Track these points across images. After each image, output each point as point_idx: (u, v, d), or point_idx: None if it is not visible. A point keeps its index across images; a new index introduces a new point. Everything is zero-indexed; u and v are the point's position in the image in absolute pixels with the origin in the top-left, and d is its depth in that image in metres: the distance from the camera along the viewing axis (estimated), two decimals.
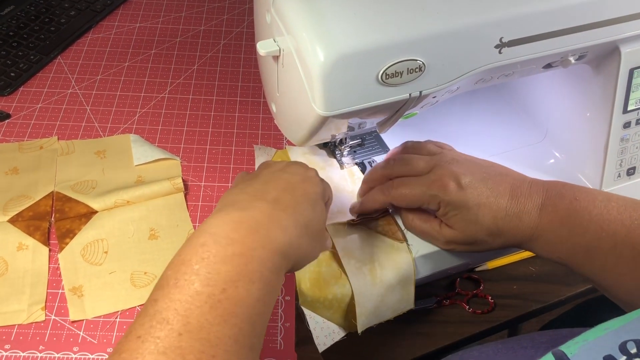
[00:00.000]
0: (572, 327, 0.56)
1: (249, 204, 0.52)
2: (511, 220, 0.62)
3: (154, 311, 0.44)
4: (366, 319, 0.67)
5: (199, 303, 0.44)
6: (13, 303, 0.65)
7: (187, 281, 0.45)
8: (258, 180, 0.57)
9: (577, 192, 0.61)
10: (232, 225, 0.49)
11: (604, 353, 0.40)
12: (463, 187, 0.63)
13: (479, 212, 0.62)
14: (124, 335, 0.44)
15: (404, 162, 0.67)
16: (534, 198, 0.62)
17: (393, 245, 0.68)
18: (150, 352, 0.42)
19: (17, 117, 0.85)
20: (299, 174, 0.58)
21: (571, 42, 0.61)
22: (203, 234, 0.49)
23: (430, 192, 0.64)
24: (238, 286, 0.46)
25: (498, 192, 0.63)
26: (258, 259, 0.48)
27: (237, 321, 0.45)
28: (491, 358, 0.63)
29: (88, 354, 0.62)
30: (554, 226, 0.61)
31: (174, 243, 0.71)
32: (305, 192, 0.56)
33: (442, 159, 0.66)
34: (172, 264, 0.48)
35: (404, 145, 0.72)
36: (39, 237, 0.70)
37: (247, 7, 1.06)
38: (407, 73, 0.55)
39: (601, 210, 0.59)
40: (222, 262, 0.47)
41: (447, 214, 0.64)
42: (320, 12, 0.53)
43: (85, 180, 0.77)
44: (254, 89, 0.92)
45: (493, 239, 0.63)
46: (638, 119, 0.73)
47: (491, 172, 0.65)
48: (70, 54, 0.95)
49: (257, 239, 0.49)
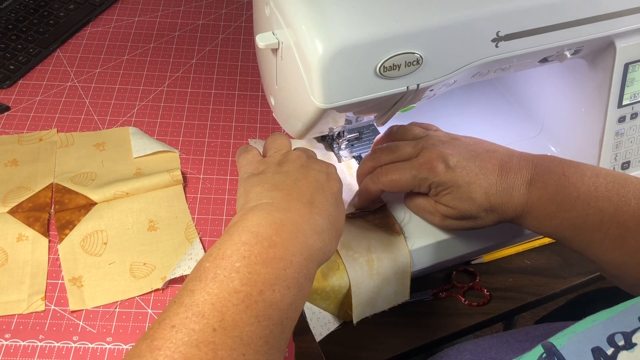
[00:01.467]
0: (566, 321, 0.57)
1: (288, 204, 0.53)
2: (502, 196, 0.63)
3: (191, 302, 0.45)
4: (362, 309, 0.67)
5: (236, 301, 0.45)
6: (13, 293, 0.66)
7: (227, 277, 0.46)
8: (288, 176, 0.57)
9: (566, 167, 0.62)
10: (274, 228, 0.50)
11: (592, 345, 0.40)
12: (452, 167, 0.63)
13: (470, 188, 0.63)
14: (156, 322, 0.45)
15: (391, 150, 0.68)
16: (523, 173, 0.62)
17: (390, 237, 0.69)
18: (184, 343, 0.42)
19: (17, 109, 0.85)
20: (323, 171, 0.59)
21: (567, 36, 0.62)
22: (245, 232, 0.50)
23: (420, 175, 0.64)
24: (275, 290, 0.47)
25: (487, 169, 0.63)
26: (297, 265, 0.49)
27: (269, 323, 0.46)
28: (486, 351, 0.64)
29: (88, 343, 0.63)
30: (543, 202, 0.61)
31: (172, 234, 0.72)
32: (332, 191, 0.58)
33: (429, 142, 0.66)
34: (211, 257, 0.48)
35: (389, 130, 0.72)
36: (38, 228, 0.71)
37: (245, 1, 1.07)
38: (405, 66, 0.56)
39: (589, 187, 0.60)
40: (262, 264, 0.48)
41: (438, 194, 0.65)
42: (319, 5, 0.54)
43: (85, 172, 0.77)
44: (252, 82, 0.92)
45: (486, 215, 0.64)
46: (633, 114, 0.73)
47: (478, 149, 0.65)
48: (69, 47, 0.96)
49: (297, 245, 0.50)
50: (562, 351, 0.41)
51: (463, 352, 0.65)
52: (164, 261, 0.69)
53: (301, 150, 0.63)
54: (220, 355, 0.42)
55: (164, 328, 0.44)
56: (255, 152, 0.64)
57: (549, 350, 0.42)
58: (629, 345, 0.39)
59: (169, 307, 0.46)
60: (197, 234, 0.72)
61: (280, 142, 0.64)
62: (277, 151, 0.63)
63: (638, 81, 0.72)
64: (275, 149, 0.63)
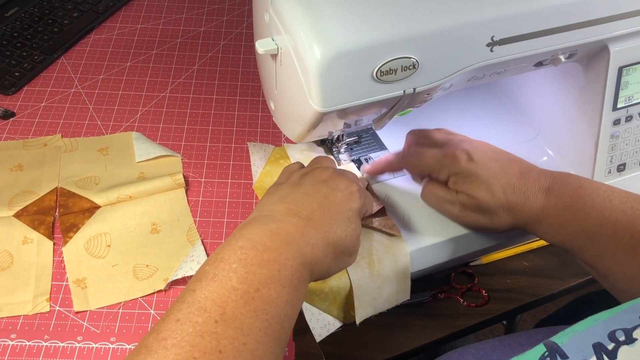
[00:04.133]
0: (567, 324, 0.57)
1: (284, 216, 0.56)
2: (519, 196, 0.65)
3: (192, 299, 0.48)
4: (364, 310, 0.68)
5: (234, 297, 0.48)
6: (19, 294, 0.67)
7: (225, 277, 0.49)
8: (299, 190, 0.60)
9: (583, 181, 0.64)
10: (269, 235, 0.53)
11: (593, 341, 0.41)
12: (474, 161, 0.66)
13: (489, 181, 0.65)
14: (161, 319, 0.47)
15: (421, 138, 0.73)
16: (541, 181, 0.65)
17: (390, 239, 0.70)
18: (189, 334, 0.45)
19: (22, 115, 0.87)
20: (340, 190, 0.60)
21: (561, 40, 0.63)
22: (241, 238, 0.53)
23: (443, 161, 0.68)
24: (270, 288, 0.50)
25: (507, 171, 0.66)
26: (290, 267, 0.52)
27: (267, 317, 0.48)
28: (488, 354, 0.65)
29: (92, 343, 0.64)
30: (559, 209, 0.63)
31: (175, 237, 0.73)
32: (340, 209, 0.59)
33: (457, 138, 0.71)
34: (211, 261, 0.51)
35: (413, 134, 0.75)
36: (43, 231, 0.72)
37: (246, 9, 1.08)
38: (401, 70, 0.57)
39: (604, 199, 0.62)
40: (258, 265, 0.50)
41: (457, 182, 0.68)
42: (317, 11, 0.55)
43: (89, 176, 0.78)
44: (253, 88, 0.93)
45: (503, 213, 0.66)
46: (627, 116, 0.74)
47: (503, 156, 0.69)
48: (73, 55, 0.97)
49: (290, 251, 0.53)
50: (563, 348, 0.42)
51: (465, 355, 0.65)
52: (166, 263, 0.70)
53: (332, 168, 0.65)
54: (223, 344, 0.45)
55: (169, 322, 0.46)
56: (296, 165, 0.68)
57: (551, 348, 0.42)
58: (630, 340, 0.40)
59: (172, 306, 0.48)
60: (199, 237, 0.73)
61: (320, 159, 0.68)
62: (312, 166, 0.66)
63: (632, 84, 0.73)
64: (313, 164, 0.67)
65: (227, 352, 0.45)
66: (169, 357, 0.43)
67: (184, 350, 0.44)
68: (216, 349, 0.44)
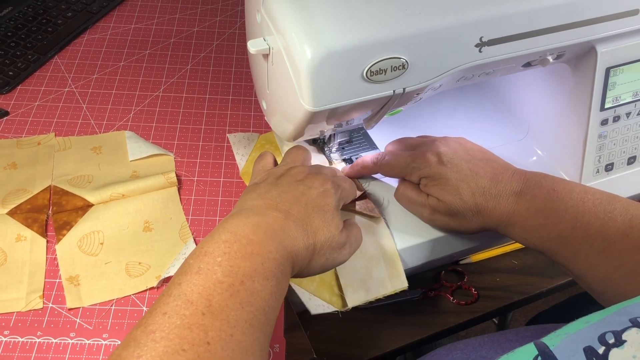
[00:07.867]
0: (560, 322, 0.57)
1: (265, 210, 0.57)
2: (489, 200, 0.65)
3: (179, 293, 0.48)
4: (354, 291, 0.68)
5: (220, 290, 0.49)
6: (12, 291, 0.67)
7: (210, 270, 0.50)
8: (277, 188, 0.61)
9: (556, 183, 0.64)
10: (251, 228, 0.54)
11: (584, 344, 0.41)
12: (444, 163, 0.67)
13: (458, 184, 0.66)
14: (147, 312, 0.48)
15: (396, 142, 0.75)
16: (513, 185, 0.65)
17: (370, 221, 0.71)
18: (176, 326, 0.46)
19: (15, 114, 0.87)
20: (316, 187, 0.62)
21: (549, 41, 0.64)
22: (225, 232, 0.53)
23: (413, 164, 0.69)
24: (254, 281, 0.51)
25: (478, 173, 0.66)
26: (273, 260, 0.53)
27: (252, 309, 0.49)
28: (477, 350, 0.65)
29: (84, 339, 0.64)
30: (530, 213, 0.63)
31: (167, 235, 0.74)
32: (316, 204, 0.60)
33: (430, 139, 0.72)
34: (195, 254, 0.52)
35: (392, 143, 0.77)
36: (36, 229, 0.72)
37: (239, 9, 1.09)
38: (391, 70, 0.57)
39: (577, 202, 0.62)
40: (242, 258, 0.51)
41: (427, 185, 0.68)
42: (308, 12, 0.56)
43: (82, 174, 0.79)
44: (246, 87, 0.94)
45: (472, 215, 0.66)
46: (615, 117, 0.75)
47: (477, 156, 0.69)
48: (67, 54, 0.98)
49: (273, 244, 0.54)
50: (554, 351, 0.42)
51: (454, 351, 0.66)
52: (159, 261, 0.71)
53: (307, 167, 0.66)
54: (210, 335, 0.46)
55: (156, 315, 0.47)
56: (268, 162, 0.69)
57: (543, 351, 0.42)
58: (619, 342, 0.39)
59: (158, 299, 0.49)
60: (191, 235, 0.74)
61: (293, 156, 0.69)
62: (286, 164, 0.67)
63: (619, 85, 0.74)
64: (286, 161, 0.68)
65: (215, 344, 0.45)
66: (158, 349, 0.44)
67: (172, 343, 0.44)
68: (204, 341, 0.45)
